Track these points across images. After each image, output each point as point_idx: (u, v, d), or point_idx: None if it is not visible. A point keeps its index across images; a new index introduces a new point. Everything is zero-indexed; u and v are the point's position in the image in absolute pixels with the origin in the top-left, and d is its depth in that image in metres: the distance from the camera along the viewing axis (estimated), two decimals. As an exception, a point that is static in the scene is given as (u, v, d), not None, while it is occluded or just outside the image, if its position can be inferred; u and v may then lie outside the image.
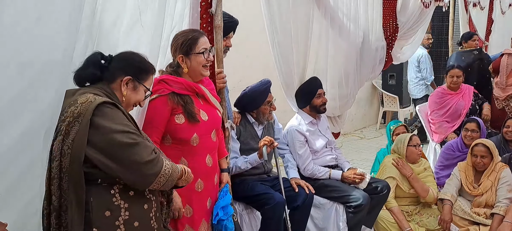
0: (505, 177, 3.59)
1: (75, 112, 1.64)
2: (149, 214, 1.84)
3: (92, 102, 1.66)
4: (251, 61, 5.70)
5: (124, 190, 1.76)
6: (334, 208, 3.50)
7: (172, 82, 2.33)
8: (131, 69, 1.86)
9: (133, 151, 1.66)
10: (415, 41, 5.11)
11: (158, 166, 1.73)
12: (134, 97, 1.89)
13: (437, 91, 5.06)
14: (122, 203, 1.75)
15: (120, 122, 1.69)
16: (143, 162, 1.68)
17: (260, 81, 3.26)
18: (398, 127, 4.33)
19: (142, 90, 1.92)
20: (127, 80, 1.84)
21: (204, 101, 2.46)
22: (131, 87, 1.87)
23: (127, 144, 1.65)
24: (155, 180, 1.73)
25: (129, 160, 1.66)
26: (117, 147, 1.65)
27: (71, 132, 1.63)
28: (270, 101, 3.28)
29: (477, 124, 4.14)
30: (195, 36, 2.34)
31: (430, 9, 4.89)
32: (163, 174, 1.75)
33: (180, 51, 2.34)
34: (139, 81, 1.88)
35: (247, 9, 4.67)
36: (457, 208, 3.65)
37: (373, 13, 4.27)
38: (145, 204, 1.83)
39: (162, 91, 2.30)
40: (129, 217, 1.76)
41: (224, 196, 2.57)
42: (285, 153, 3.60)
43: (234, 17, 2.98)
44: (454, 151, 4.25)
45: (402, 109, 8.11)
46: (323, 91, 3.67)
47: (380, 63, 4.51)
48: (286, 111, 3.89)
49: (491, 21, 7.05)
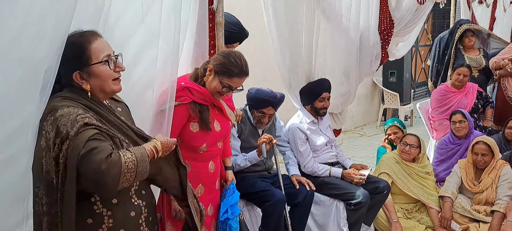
0: (505, 175, 3.60)
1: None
2: (138, 220, 1.74)
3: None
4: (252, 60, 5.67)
5: (105, 199, 1.66)
6: (335, 205, 3.51)
7: (195, 92, 2.32)
8: (71, 64, 1.64)
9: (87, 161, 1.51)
10: (410, 38, 5.11)
11: (115, 169, 1.52)
12: (101, 82, 1.68)
13: (440, 88, 5.04)
14: (105, 210, 1.65)
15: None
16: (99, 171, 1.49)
17: (271, 91, 3.20)
18: (389, 127, 4.37)
19: (102, 69, 1.67)
20: (76, 76, 1.65)
21: (219, 113, 2.48)
22: (86, 77, 1.66)
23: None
24: (119, 182, 1.53)
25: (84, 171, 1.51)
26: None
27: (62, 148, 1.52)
28: (265, 114, 3.20)
29: (462, 114, 4.22)
30: (232, 72, 2.31)
31: (426, 6, 4.87)
32: (127, 170, 1.54)
33: (214, 62, 2.33)
34: (88, 67, 1.65)
35: (248, 6, 4.66)
36: (457, 205, 3.65)
37: (370, 8, 4.26)
38: (132, 212, 1.72)
39: (184, 100, 2.29)
40: (113, 224, 1.66)
41: (232, 194, 2.56)
42: (286, 150, 3.61)
43: (245, 29, 2.94)
44: (447, 144, 4.31)
45: (402, 106, 8.11)
46: (328, 96, 3.63)
47: (376, 59, 4.50)
48: (287, 109, 3.89)
49: (493, 18, 7.04)
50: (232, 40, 2.80)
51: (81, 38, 1.65)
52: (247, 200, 3.26)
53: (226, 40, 2.69)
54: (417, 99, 9.52)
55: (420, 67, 10.76)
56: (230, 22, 2.78)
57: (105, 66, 1.68)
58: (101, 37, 1.71)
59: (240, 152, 3.19)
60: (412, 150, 3.79)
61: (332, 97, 3.80)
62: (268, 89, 3.22)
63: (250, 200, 3.25)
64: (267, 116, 3.21)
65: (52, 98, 1.61)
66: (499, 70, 5.03)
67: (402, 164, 3.81)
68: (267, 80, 5.31)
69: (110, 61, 1.69)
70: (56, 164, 1.54)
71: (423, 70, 10.75)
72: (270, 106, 3.18)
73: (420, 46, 10.47)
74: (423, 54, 10.79)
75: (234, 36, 2.81)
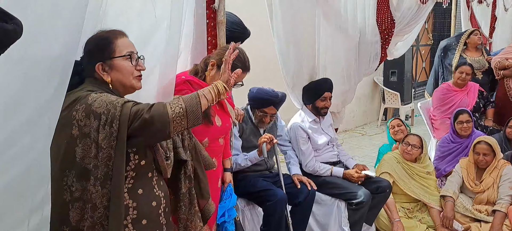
0: (507, 174, 3.60)
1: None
2: (158, 210, 1.82)
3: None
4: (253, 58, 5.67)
5: (132, 189, 1.75)
6: (336, 204, 3.50)
7: (196, 85, 2.31)
8: (94, 56, 1.74)
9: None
10: (410, 38, 5.10)
11: (159, 108, 1.63)
12: (122, 76, 1.76)
13: (441, 87, 5.03)
14: (131, 202, 1.74)
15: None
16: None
17: (272, 90, 3.19)
18: (393, 120, 4.37)
19: (124, 64, 1.75)
20: (99, 67, 1.74)
21: (220, 108, 2.49)
22: (108, 69, 1.75)
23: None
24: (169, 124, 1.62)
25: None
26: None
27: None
28: (266, 113, 3.20)
29: (468, 113, 4.23)
30: (234, 66, 2.26)
31: (428, 5, 4.87)
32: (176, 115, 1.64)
33: (217, 56, 2.33)
34: (110, 59, 1.74)
35: (250, 5, 4.66)
36: (459, 205, 3.65)
37: (368, 7, 4.26)
38: (153, 202, 1.80)
39: (185, 93, 2.26)
40: (137, 216, 1.75)
41: (230, 197, 2.57)
42: (287, 149, 3.60)
43: (247, 29, 2.93)
44: (448, 143, 4.31)
45: (403, 106, 8.11)
46: (330, 95, 3.63)
47: (375, 58, 4.49)
48: (288, 108, 3.89)
49: (494, 18, 7.03)
50: (233, 39, 2.78)
51: (108, 33, 1.76)
52: (249, 200, 3.26)
53: (228, 39, 2.68)
54: (417, 99, 9.50)
55: (420, 67, 10.76)
56: (232, 21, 2.78)
57: (127, 61, 1.76)
58: (127, 37, 1.81)
59: (241, 152, 3.19)
60: (414, 150, 3.79)
61: (332, 97, 3.80)
62: (269, 89, 3.21)
63: (252, 200, 3.25)
64: (269, 115, 3.21)
65: (72, 91, 1.69)
66: (504, 70, 5.00)
67: (403, 164, 3.81)
68: (268, 80, 5.30)
69: (132, 58, 1.77)
70: (95, 143, 1.62)
71: (424, 70, 10.75)
72: (271, 106, 3.18)
73: (420, 46, 10.46)
74: (423, 54, 10.79)
75: (235, 36, 2.80)
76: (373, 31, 4.34)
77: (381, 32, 4.42)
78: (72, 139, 1.65)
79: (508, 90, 4.99)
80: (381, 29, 4.42)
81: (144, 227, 1.76)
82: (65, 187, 1.69)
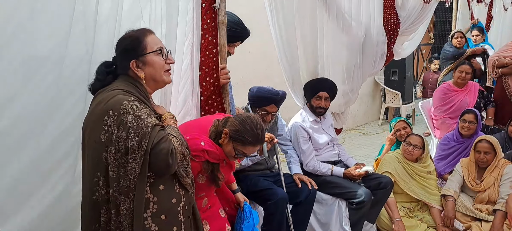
0: (508, 173, 3.59)
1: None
2: (177, 208, 1.87)
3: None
4: (254, 57, 5.70)
5: (154, 184, 1.81)
6: (337, 203, 3.51)
7: (212, 154, 2.26)
8: (128, 53, 1.87)
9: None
10: (416, 37, 5.10)
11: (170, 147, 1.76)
12: (154, 71, 1.89)
13: (442, 86, 5.03)
14: (152, 196, 1.80)
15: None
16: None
17: (273, 88, 3.20)
18: (397, 123, 4.33)
19: (156, 59, 1.89)
20: (133, 64, 1.86)
21: (227, 165, 2.43)
22: (142, 65, 1.87)
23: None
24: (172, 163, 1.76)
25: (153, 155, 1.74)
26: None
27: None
28: (267, 111, 3.21)
29: (475, 115, 4.13)
30: (246, 141, 2.27)
31: (432, 4, 4.87)
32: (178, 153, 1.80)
33: (232, 127, 2.31)
34: (143, 56, 1.87)
35: (250, 4, 4.66)
36: (459, 204, 3.65)
37: (374, 7, 4.26)
38: (173, 198, 1.86)
39: (199, 159, 2.25)
40: (156, 210, 1.81)
41: (250, 216, 2.53)
42: (288, 148, 3.61)
43: (247, 29, 2.93)
44: (450, 141, 4.28)
45: (404, 105, 8.11)
46: (325, 96, 3.60)
47: (381, 58, 4.50)
48: (290, 107, 3.89)
49: (490, 17, 7.06)
50: (233, 39, 2.79)
51: (138, 32, 1.90)
52: (250, 199, 3.25)
53: (228, 39, 2.68)
54: (418, 98, 9.50)
55: (421, 66, 10.75)
56: (232, 21, 2.78)
57: (159, 56, 1.90)
58: (154, 34, 1.94)
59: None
60: (416, 151, 3.79)
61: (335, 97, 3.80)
62: (269, 87, 3.22)
63: (252, 199, 3.25)
64: (270, 114, 3.22)
65: (105, 90, 1.81)
66: (502, 68, 5.00)
67: (404, 164, 3.81)
68: (269, 78, 5.32)
69: (162, 52, 1.91)
70: (120, 153, 1.72)
71: (425, 69, 10.74)
72: (272, 104, 3.19)
73: (421, 45, 10.46)
74: (424, 53, 10.79)
75: (235, 35, 2.81)
76: (380, 31, 4.34)
77: (387, 32, 4.43)
78: (100, 144, 1.74)
79: (507, 88, 4.98)
80: (387, 29, 4.43)
81: (162, 222, 1.82)
82: (96, 188, 1.78)
